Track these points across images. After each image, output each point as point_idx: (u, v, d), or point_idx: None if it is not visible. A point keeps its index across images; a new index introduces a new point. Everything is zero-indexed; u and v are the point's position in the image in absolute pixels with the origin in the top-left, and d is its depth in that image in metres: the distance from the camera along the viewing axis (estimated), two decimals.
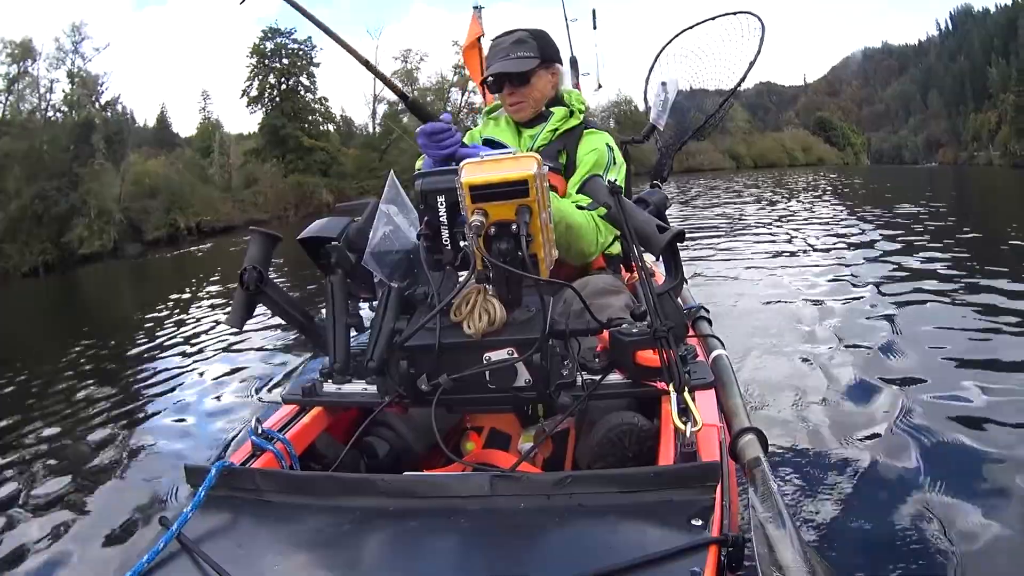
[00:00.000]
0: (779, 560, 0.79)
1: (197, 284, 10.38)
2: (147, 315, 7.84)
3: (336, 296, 1.32)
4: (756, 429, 1.12)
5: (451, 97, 38.21)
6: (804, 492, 2.09)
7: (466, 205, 1.07)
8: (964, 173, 6.67)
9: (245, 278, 1.29)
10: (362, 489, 1.09)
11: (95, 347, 6.33)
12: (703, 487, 0.98)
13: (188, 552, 0.99)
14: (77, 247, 21.84)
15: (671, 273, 1.20)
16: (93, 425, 4.01)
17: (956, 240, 7.28)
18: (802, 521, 1.92)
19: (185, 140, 35.53)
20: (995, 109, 44.48)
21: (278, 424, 1.43)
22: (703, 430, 1.07)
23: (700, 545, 0.86)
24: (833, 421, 2.56)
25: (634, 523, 0.97)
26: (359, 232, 1.29)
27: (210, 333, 6.25)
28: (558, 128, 1.99)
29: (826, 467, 2.22)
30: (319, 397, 1.47)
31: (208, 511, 1.08)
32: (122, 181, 24.34)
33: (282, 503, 1.11)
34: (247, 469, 1.20)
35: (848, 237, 8.14)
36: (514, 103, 1.97)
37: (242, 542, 1.03)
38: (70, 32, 24.82)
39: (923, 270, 5.66)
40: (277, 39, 34.78)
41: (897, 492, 2.04)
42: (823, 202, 14.32)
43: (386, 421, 1.51)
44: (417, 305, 1.27)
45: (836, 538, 1.84)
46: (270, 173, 31.86)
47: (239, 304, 1.32)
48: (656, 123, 2.54)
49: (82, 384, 4.97)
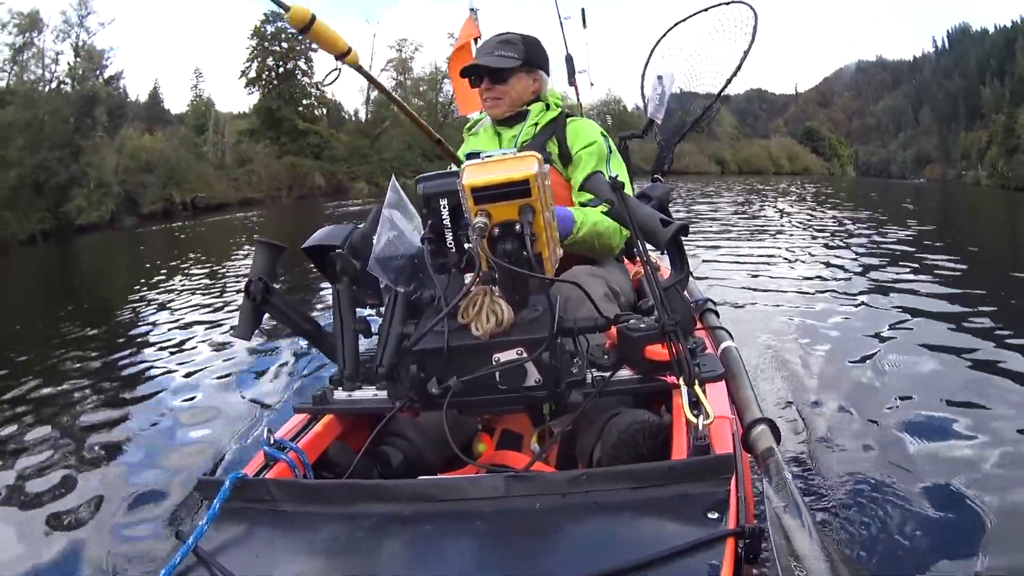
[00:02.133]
0: (796, 550, 0.78)
1: (195, 259, 10.34)
2: (146, 294, 7.67)
3: (343, 303, 1.32)
4: (768, 419, 1.12)
5: (444, 88, 38.45)
6: (818, 481, 2.07)
7: (469, 207, 1.07)
8: (952, 191, 6.73)
9: (251, 289, 1.30)
10: (376, 495, 1.09)
11: (94, 325, 6.19)
12: (717, 480, 0.98)
13: (205, 565, 0.99)
14: (75, 217, 22.11)
15: (676, 267, 1.20)
16: (95, 442, 3.99)
17: (944, 248, 7.33)
18: (817, 510, 1.91)
19: (176, 117, 35.79)
20: (986, 129, 44.20)
21: (290, 433, 1.43)
22: (715, 422, 1.07)
23: (717, 538, 0.86)
24: (844, 408, 2.55)
25: (650, 518, 0.97)
26: (363, 238, 1.30)
27: (218, 332, 6.23)
28: (538, 122, 2.05)
29: (840, 455, 2.20)
30: (330, 405, 1.47)
31: (223, 523, 1.08)
32: (119, 155, 24.60)
33: (297, 512, 1.11)
34: (261, 480, 1.20)
35: (841, 238, 8.16)
36: (489, 99, 2.03)
37: (259, 552, 1.03)
38: (77, 5, 25.25)
39: (921, 269, 5.70)
40: (278, 23, 35.09)
41: (913, 479, 2.02)
42: (807, 207, 14.36)
43: (399, 430, 1.51)
44: (424, 309, 1.27)
45: (852, 527, 1.83)
46: (263, 153, 32.28)
47: (246, 315, 1.32)
48: (654, 117, 2.54)
49: (82, 390, 4.90)
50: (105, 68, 26.13)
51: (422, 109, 37.65)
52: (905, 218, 10.27)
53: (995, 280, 5.33)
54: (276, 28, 35.25)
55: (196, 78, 44.29)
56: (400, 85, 38.99)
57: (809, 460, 2.20)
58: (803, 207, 14.01)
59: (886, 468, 2.11)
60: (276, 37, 35.59)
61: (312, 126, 35.12)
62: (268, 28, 35.49)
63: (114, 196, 23.42)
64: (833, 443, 2.29)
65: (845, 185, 24.26)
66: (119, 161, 24.34)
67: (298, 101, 35.85)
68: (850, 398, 2.66)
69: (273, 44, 35.68)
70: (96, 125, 24.32)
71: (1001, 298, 4.49)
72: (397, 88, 38.76)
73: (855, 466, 2.13)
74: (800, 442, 2.32)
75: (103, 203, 22.98)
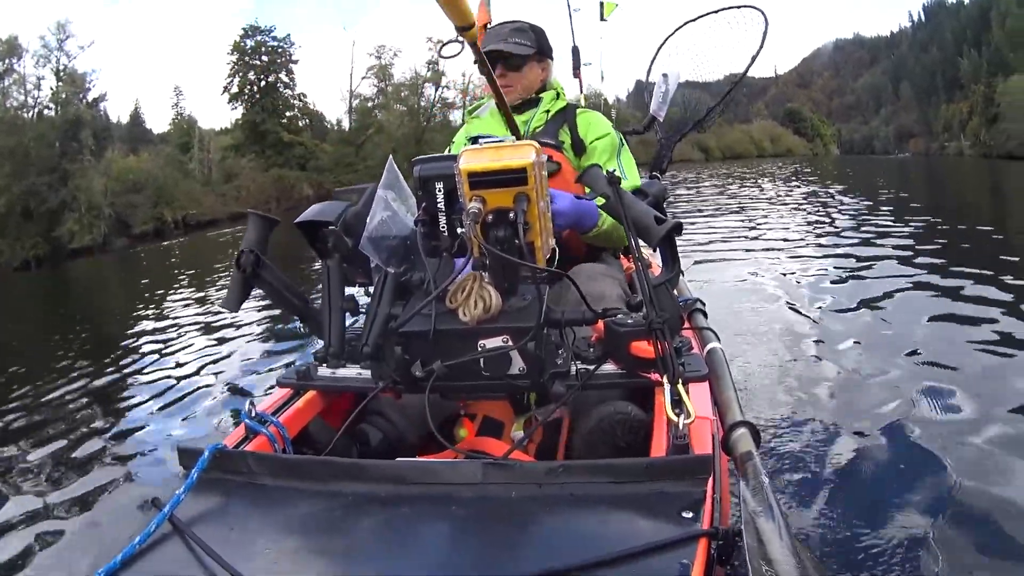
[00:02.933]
0: (769, 554, 0.79)
1: (188, 275, 10.42)
2: (142, 304, 7.92)
3: (332, 280, 1.31)
4: (749, 423, 1.12)
5: (425, 92, 38.92)
6: (795, 487, 2.09)
7: (464, 192, 1.07)
8: (935, 163, 6.74)
9: (242, 261, 1.29)
10: (354, 474, 1.09)
11: (91, 333, 6.37)
12: (695, 480, 0.98)
13: (180, 534, 0.99)
14: (68, 241, 22.04)
15: (668, 265, 1.20)
16: (85, 407, 4.02)
17: (933, 229, 7.41)
18: (793, 516, 1.92)
19: (158, 137, 35.42)
20: (966, 100, 44.85)
21: (272, 407, 1.43)
22: (696, 422, 1.08)
23: (690, 537, 0.86)
24: (824, 415, 2.57)
25: (625, 514, 0.97)
26: (357, 217, 1.29)
27: (205, 319, 6.26)
28: (550, 109, 2.08)
29: (817, 462, 2.22)
30: (313, 381, 1.47)
31: (200, 493, 1.08)
32: (106, 177, 24.51)
33: (274, 486, 1.11)
34: (240, 452, 1.20)
35: (826, 225, 8.19)
36: (503, 86, 2.01)
37: (234, 525, 1.03)
38: (55, 30, 25.07)
39: (906, 256, 5.72)
40: (257, 37, 35.54)
41: (888, 487, 2.05)
42: (794, 187, 14.41)
43: (380, 410, 1.51)
44: (413, 291, 1.27)
45: (826, 533, 1.85)
46: (249, 168, 32.38)
47: (235, 287, 1.31)
48: (656, 114, 2.54)
49: (76, 368, 4.99)
50: (88, 91, 26.07)
51: (404, 115, 38.03)
52: (890, 195, 10.38)
53: (985, 258, 5.32)
54: (256, 42, 35.41)
55: (177, 96, 44.29)
56: (382, 92, 39.12)
57: (788, 466, 2.22)
58: (788, 191, 14.07)
59: (866, 476, 2.14)
60: (256, 51, 35.67)
61: (296, 138, 35.07)
62: (248, 42, 35.53)
63: (105, 218, 23.36)
64: (813, 449, 2.31)
65: (830, 166, 24.49)
66: (107, 184, 24.27)
67: (281, 113, 35.89)
68: (831, 404, 2.68)
69: (253, 58, 35.68)
70: (83, 148, 24.25)
71: (995, 279, 4.51)
72: (379, 95, 39.01)
73: (834, 472, 2.16)
74: (779, 447, 2.34)
75: (95, 226, 22.90)
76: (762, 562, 0.78)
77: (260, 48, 35.67)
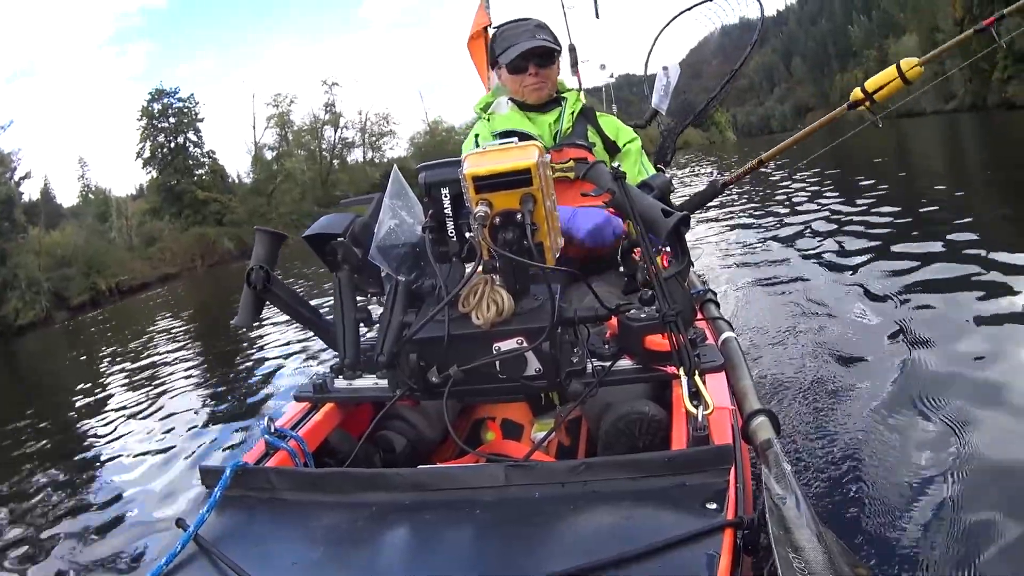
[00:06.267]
0: (795, 541, 0.78)
1: (150, 332, 10.60)
2: (105, 365, 8.08)
3: (344, 292, 1.32)
4: (768, 410, 1.12)
5: (325, 134, 39.99)
6: (817, 472, 2.08)
7: (470, 196, 1.07)
8: (837, 132, 6.60)
9: (252, 278, 1.29)
10: (376, 484, 1.09)
11: (79, 393, 6.41)
12: (717, 470, 0.98)
13: (206, 553, 0.99)
14: (14, 319, 22.17)
15: (677, 257, 1.20)
16: (104, 435, 4.05)
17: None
18: (816, 502, 1.91)
19: (69, 210, 34.58)
20: (861, 66, 44.44)
21: (290, 422, 1.44)
22: (715, 413, 1.07)
23: (716, 528, 0.86)
24: (843, 399, 2.54)
25: (649, 508, 0.97)
26: (364, 227, 1.29)
27: (213, 346, 6.29)
28: (574, 111, 2.06)
29: (838, 447, 2.20)
30: (330, 393, 1.47)
31: (224, 511, 1.09)
32: (37, 253, 24.87)
33: (297, 501, 1.11)
34: (261, 468, 1.21)
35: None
36: (538, 83, 2.01)
37: (259, 541, 1.04)
38: None
39: (894, 235, 5.59)
40: (164, 100, 36.11)
41: (912, 471, 2.01)
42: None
43: (399, 414, 1.52)
44: (425, 298, 1.27)
45: (851, 518, 1.84)
46: (168, 229, 32.85)
47: (247, 303, 1.32)
48: (658, 107, 2.53)
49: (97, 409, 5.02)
50: (14, 170, 26.30)
51: (306, 159, 38.75)
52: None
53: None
54: (163, 104, 35.93)
55: (82, 167, 42.13)
56: (284, 139, 39.75)
57: (809, 451, 2.20)
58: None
59: (888, 460, 2.10)
60: (163, 113, 36.12)
61: (211, 194, 35.38)
62: (155, 106, 36.01)
63: (45, 293, 23.59)
64: (833, 434, 2.29)
65: (730, 150, 24.42)
66: (40, 260, 24.60)
67: (192, 172, 36.25)
68: (851, 389, 2.64)
69: (162, 121, 36.14)
70: (16, 227, 24.65)
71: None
72: (282, 143, 39.67)
73: (855, 458, 2.13)
74: (800, 433, 2.32)
75: (37, 301, 23.10)
76: (789, 550, 0.77)
77: (167, 110, 36.27)
